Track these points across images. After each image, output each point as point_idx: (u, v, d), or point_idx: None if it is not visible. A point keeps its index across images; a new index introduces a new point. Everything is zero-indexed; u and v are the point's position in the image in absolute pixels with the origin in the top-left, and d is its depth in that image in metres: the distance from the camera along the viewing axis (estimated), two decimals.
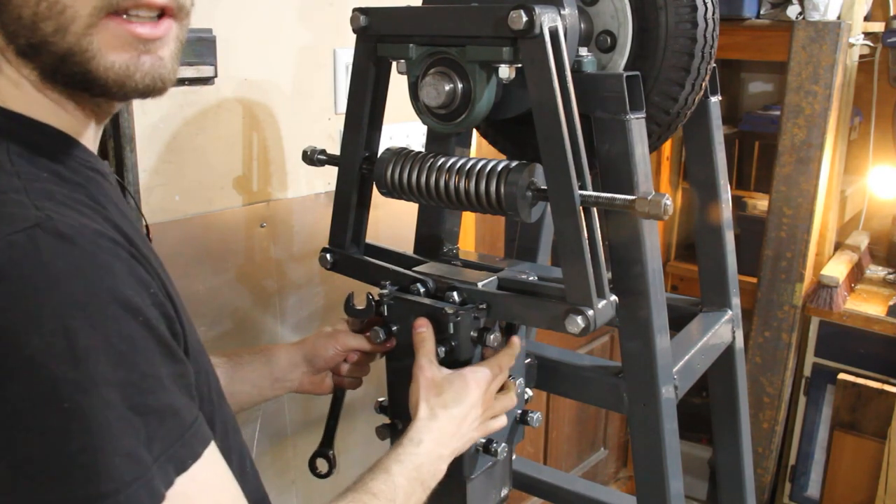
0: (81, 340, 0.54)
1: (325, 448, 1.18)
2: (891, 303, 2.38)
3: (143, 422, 0.56)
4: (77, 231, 0.57)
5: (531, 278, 1.04)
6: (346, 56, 1.57)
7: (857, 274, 2.53)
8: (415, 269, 1.09)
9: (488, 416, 0.99)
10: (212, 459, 0.62)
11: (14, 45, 0.64)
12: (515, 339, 1.04)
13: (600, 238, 0.93)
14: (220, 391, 0.77)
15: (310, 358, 1.12)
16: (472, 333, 1.00)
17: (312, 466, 1.19)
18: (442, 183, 1.01)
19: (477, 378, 0.97)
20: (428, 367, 0.96)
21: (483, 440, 1.03)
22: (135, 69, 0.64)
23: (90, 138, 0.71)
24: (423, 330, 0.99)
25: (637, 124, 0.97)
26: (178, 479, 0.58)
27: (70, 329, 0.54)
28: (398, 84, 1.07)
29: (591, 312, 0.91)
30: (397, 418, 1.09)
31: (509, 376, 1.04)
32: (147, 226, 0.85)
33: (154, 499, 0.56)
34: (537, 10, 0.86)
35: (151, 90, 0.66)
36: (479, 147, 1.71)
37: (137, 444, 0.56)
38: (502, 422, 1.02)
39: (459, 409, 0.94)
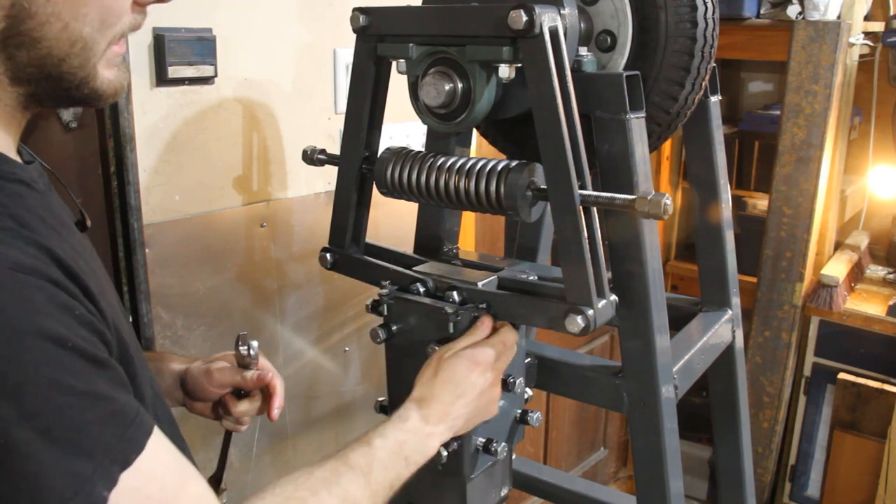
0: (11, 378, 0.56)
1: (214, 485, 1.12)
2: (891, 302, 2.38)
3: (85, 435, 0.59)
4: None
5: (531, 278, 1.04)
6: (346, 56, 1.57)
7: (857, 274, 2.53)
8: (415, 268, 1.09)
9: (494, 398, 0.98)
10: (156, 446, 0.64)
11: (18, 74, 0.67)
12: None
13: (600, 238, 0.93)
14: (158, 388, 0.81)
15: (188, 384, 1.09)
16: None
17: None
18: (442, 182, 1.01)
19: (479, 358, 0.95)
20: (443, 350, 0.96)
21: (482, 440, 1.03)
22: (119, 80, 0.75)
23: (11, 148, 0.72)
24: (481, 329, 0.98)
25: (637, 124, 0.97)
26: (122, 476, 0.60)
27: None
28: (398, 84, 1.07)
29: (590, 312, 0.91)
30: None
31: (508, 375, 1.03)
32: (83, 212, 0.86)
33: None
34: (537, 9, 0.86)
35: (122, 94, 0.78)
36: (479, 147, 1.71)
37: (78, 459, 0.58)
38: (494, 410, 1.00)
39: (455, 386, 0.93)
